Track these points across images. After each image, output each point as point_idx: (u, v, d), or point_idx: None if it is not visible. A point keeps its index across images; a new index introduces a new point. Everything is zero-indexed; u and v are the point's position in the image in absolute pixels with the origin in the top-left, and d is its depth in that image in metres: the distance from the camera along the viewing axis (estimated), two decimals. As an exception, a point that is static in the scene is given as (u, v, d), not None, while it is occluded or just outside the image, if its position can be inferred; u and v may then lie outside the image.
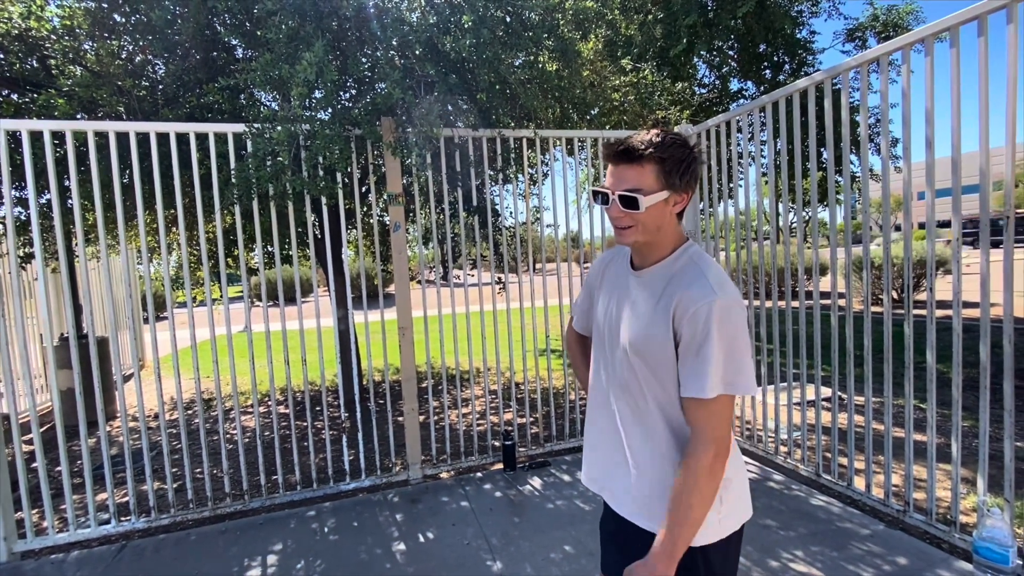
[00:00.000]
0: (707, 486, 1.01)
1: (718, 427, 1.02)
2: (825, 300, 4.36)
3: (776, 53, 7.63)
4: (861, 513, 2.60)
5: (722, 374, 1.01)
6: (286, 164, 2.63)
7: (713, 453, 1.01)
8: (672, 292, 1.06)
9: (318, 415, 4.70)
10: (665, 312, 1.06)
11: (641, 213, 1.05)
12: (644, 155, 1.04)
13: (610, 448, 1.20)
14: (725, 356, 1.01)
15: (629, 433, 1.15)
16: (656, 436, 1.12)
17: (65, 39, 3.08)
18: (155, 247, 5.10)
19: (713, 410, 1.02)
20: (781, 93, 2.94)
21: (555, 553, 2.41)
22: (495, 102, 3.08)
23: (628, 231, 1.09)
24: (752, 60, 7.62)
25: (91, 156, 2.62)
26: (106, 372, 5.13)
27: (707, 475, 1.01)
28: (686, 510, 1.01)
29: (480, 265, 3.50)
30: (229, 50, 3.43)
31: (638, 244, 1.12)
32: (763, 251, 3.14)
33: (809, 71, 7.73)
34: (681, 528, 1.01)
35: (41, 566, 2.55)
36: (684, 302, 1.03)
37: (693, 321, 1.02)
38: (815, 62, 7.90)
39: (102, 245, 2.69)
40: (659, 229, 1.09)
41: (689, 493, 1.01)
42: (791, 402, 3.13)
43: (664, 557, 1.01)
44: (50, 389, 3.86)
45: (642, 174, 1.04)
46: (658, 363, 1.08)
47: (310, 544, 2.60)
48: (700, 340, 1.01)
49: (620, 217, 1.08)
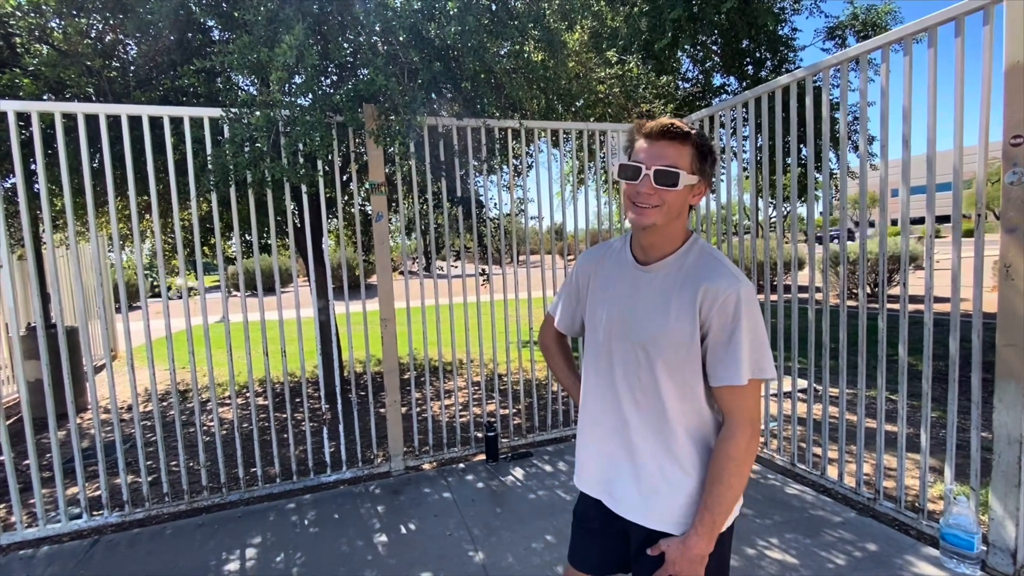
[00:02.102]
0: (745, 465, 1.06)
1: (751, 409, 1.07)
2: (803, 295, 4.46)
3: (758, 49, 7.70)
4: (834, 501, 2.68)
5: (751, 359, 1.04)
6: (265, 151, 2.56)
7: (749, 434, 1.06)
8: (694, 284, 1.06)
9: (298, 407, 4.64)
10: (691, 305, 1.06)
11: (673, 191, 1.04)
12: (687, 135, 1.04)
13: (616, 449, 1.18)
14: (752, 341, 1.04)
15: (640, 434, 1.13)
16: (670, 436, 1.11)
17: (31, 16, 2.94)
18: (127, 234, 4.95)
19: (747, 394, 1.05)
20: (763, 89, 2.97)
21: (536, 543, 2.43)
22: (480, 91, 3.05)
23: (651, 211, 1.05)
24: (735, 55, 7.67)
25: (59, 139, 2.52)
26: (76, 363, 4.97)
27: (745, 455, 1.05)
28: (726, 490, 1.05)
29: (464, 256, 3.48)
30: (205, 31, 3.32)
31: (655, 228, 1.08)
32: (743, 245, 3.19)
33: (790, 68, 7.83)
34: (721, 506, 1.05)
35: (9, 562, 2.47)
36: (711, 292, 1.04)
37: (723, 310, 1.04)
38: (796, 59, 8.00)
39: (71, 231, 2.59)
40: (679, 216, 1.09)
41: (730, 474, 1.05)
42: (768, 393, 3.19)
43: (705, 535, 1.05)
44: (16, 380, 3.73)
45: (682, 154, 1.04)
46: (679, 358, 1.08)
47: (290, 537, 2.58)
48: (731, 328, 1.04)
49: (650, 194, 1.05)
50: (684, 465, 1.11)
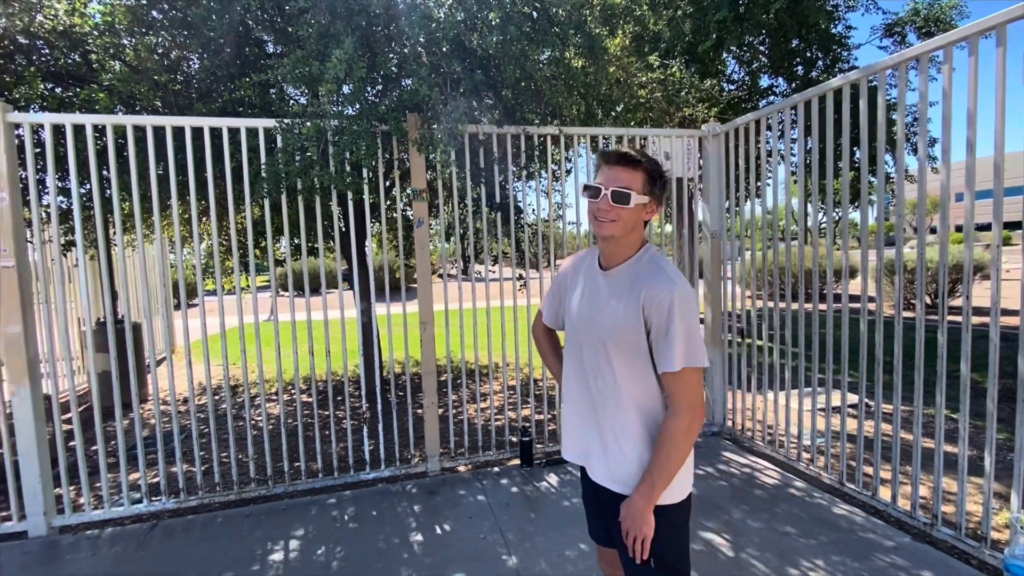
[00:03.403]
0: (683, 443, 1.24)
1: (689, 394, 1.24)
2: (855, 304, 4.24)
3: (809, 49, 7.42)
4: (886, 524, 2.54)
5: (684, 350, 1.21)
6: (315, 159, 2.68)
7: (689, 417, 1.23)
8: (639, 287, 1.26)
9: (339, 404, 4.80)
10: (635, 305, 1.25)
11: (627, 209, 1.25)
12: (639, 162, 1.26)
13: (587, 425, 1.39)
14: (685, 336, 1.21)
15: (602, 412, 1.34)
16: (625, 413, 1.31)
17: (106, 35, 3.19)
18: (186, 236, 5.25)
19: (683, 380, 1.23)
20: (814, 92, 2.86)
21: (570, 550, 2.42)
22: (520, 98, 3.08)
23: (609, 224, 1.27)
24: (784, 56, 7.42)
25: (130, 149, 2.71)
26: (140, 356, 5.32)
27: (684, 433, 1.23)
28: (664, 460, 1.23)
29: (501, 261, 3.51)
30: (260, 45, 3.50)
31: (613, 239, 1.29)
32: (790, 252, 3.07)
33: (844, 67, 7.50)
34: (660, 473, 1.23)
35: (78, 541, 2.67)
36: (650, 295, 1.23)
37: (659, 309, 1.22)
38: (850, 58, 7.65)
39: (139, 234, 2.79)
40: (633, 229, 1.29)
41: (669, 447, 1.23)
42: (815, 408, 3.07)
43: (645, 493, 1.24)
44: (87, 371, 4.03)
45: (634, 178, 1.26)
46: (630, 349, 1.28)
47: (330, 531, 2.67)
48: (666, 325, 1.22)
49: (607, 211, 1.26)
50: (635, 438, 1.30)
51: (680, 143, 3.69)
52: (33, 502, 2.67)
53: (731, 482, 3.06)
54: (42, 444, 2.68)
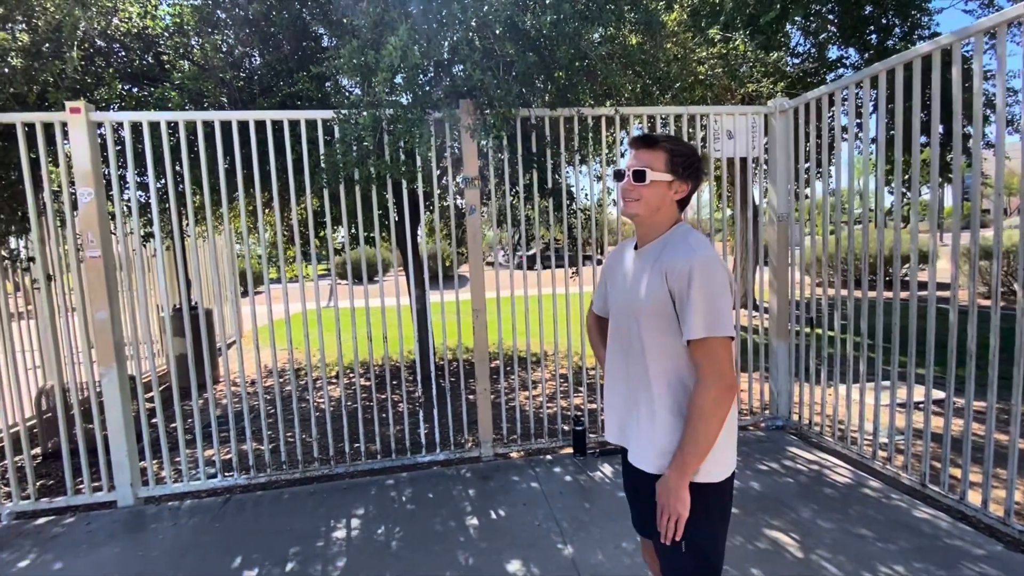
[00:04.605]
0: (712, 415, 1.21)
1: (716, 364, 1.22)
2: (943, 292, 3.90)
3: (885, 15, 6.83)
4: (974, 531, 2.34)
5: (706, 318, 1.20)
6: (371, 149, 2.71)
7: (716, 388, 1.21)
8: (664, 259, 1.28)
9: (395, 389, 4.93)
10: (660, 276, 1.28)
11: (645, 186, 1.30)
12: (658, 142, 1.32)
13: (625, 403, 1.41)
14: (705, 302, 1.20)
15: (637, 389, 1.36)
16: (657, 389, 1.31)
17: (176, 36, 3.35)
18: (251, 227, 5.51)
19: (708, 349, 1.22)
20: (898, 59, 2.62)
21: (627, 543, 2.38)
22: (574, 79, 2.99)
23: (633, 203, 1.32)
24: (856, 24, 6.87)
25: (200, 144, 2.85)
26: (212, 340, 5.67)
27: (712, 405, 1.21)
28: (694, 432, 1.21)
29: (553, 248, 3.46)
30: (317, 39, 3.58)
31: (640, 219, 1.34)
32: (868, 235, 2.85)
33: (924, 34, 6.86)
34: (691, 447, 1.21)
35: (161, 511, 2.88)
36: (671, 265, 1.25)
37: (680, 277, 1.23)
38: (931, 23, 6.99)
39: (209, 225, 2.94)
40: (658, 209, 1.32)
41: (697, 419, 1.21)
42: (894, 403, 2.85)
43: (677, 468, 1.23)
44: (166, 354, 4.35)
45: (654, 157, 1.31)
46: (658, 322, 1.29)
47: (389, 511, 2.75)
48: (687, 292, 1.22)
49: (629, 189, 1.32)
50: (667, 415, 1.29)
51: (744, 120, 3.48)
52: (121, 474, 2.90)
53: (798, 479, 2.91)
54: (128, 421, 2.90)
